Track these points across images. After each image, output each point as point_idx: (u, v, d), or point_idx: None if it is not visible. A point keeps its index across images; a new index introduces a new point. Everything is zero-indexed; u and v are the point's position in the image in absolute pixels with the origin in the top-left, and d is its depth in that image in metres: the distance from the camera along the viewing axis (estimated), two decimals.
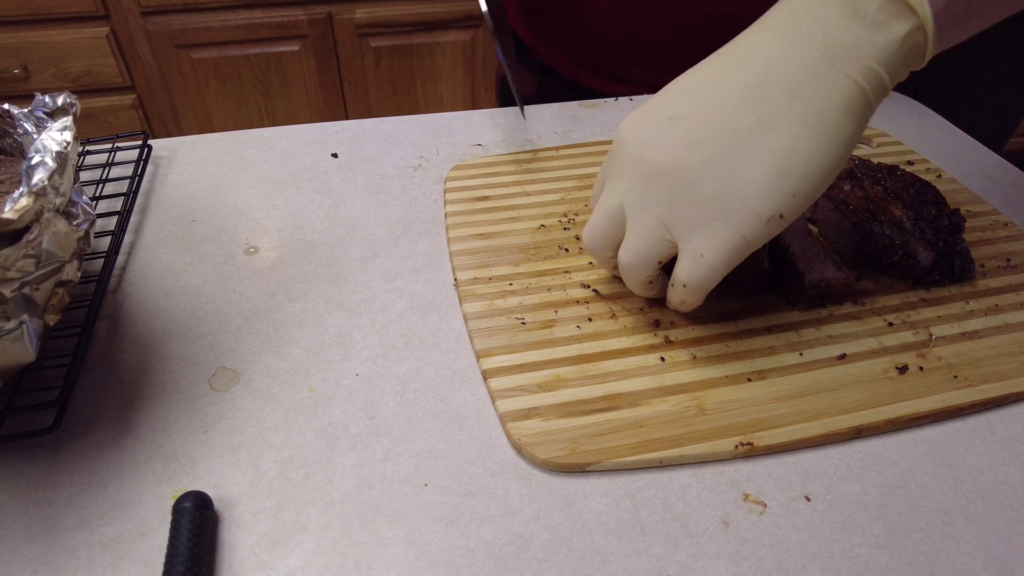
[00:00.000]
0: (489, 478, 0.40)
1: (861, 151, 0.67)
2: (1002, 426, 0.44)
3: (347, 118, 0.73)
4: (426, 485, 0.40)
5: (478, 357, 0.46)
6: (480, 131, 0.70)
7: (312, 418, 0.43)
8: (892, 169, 0.57)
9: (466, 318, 0.49)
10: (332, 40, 1.73)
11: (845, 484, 0.40)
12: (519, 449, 0.41)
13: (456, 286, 0.52)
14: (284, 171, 0.64)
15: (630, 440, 0.41)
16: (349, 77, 1.81)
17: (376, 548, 0.37)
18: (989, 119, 0.82)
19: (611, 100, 0.75)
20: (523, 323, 0.49)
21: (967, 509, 0.39)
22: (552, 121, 0.72)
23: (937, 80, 0.80)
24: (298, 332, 0.49)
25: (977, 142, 0.71)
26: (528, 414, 0.42)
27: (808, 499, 0.40)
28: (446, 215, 0.58)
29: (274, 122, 1.84)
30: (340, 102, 1.86)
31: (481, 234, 0.56)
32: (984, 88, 0.56)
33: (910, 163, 0.65)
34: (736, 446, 0.41)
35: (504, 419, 0.42)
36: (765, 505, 0.39)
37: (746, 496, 0.40)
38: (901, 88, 0.77)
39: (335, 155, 0.67)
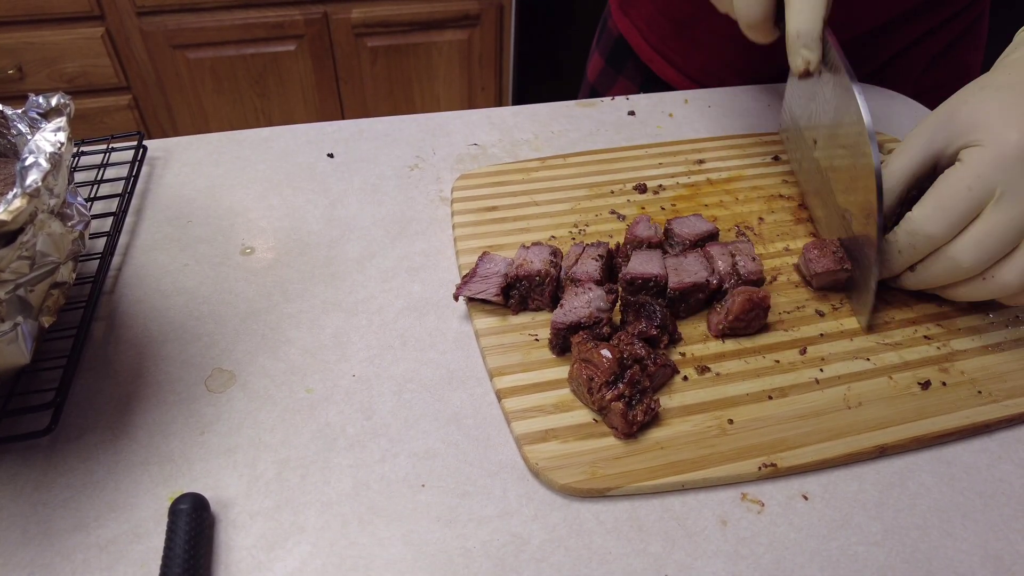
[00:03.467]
0: (487, 478, 0.40)
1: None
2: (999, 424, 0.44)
3: (343, 118, 0.73)
4: (424, 485, 0.40)
5: (491, 376, 0.45)
6: (477, 131, 0.70)
7: (309, 419, 0.43)
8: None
9: (478, 334, 0.48)
10: (328, 40, 1.73)
11: (843, 483, 0.40)
12: (537, 474, 0.40)
13: (466, 300, 0.51)
14: (280, 171, 0.64)
15: (652, 463, 0.40)
16: (345, 77, 1.81)
17: (374, 549, 0.37)
18: None
19: (607, 100, 0.75)
20: (536, 339, 0.47)
21: (964, 507, 0.39)
22: (549, 120, 0.72)
23: (940, 83, 0.81)
24: (295, 333, 0.49)
25: None
26: (545, 436, 0.41)
27: (806, 498, 0.40)
28: (454, 226, 0.57)
29: (270, 122, 1.84)
30: (336, 102, 1.85)
31: (491, 246, 0.55)
32: None
33: None
34: (760, 467, 0.40)
35: (520, 441, 0.41)
36: (763, 504, 0.39)
37: (744, 495, 0.40)
38: (905, 92, 0.78)
39: (331, 155, 0.66)
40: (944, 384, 0.45)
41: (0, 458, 0.40)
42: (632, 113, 0.73)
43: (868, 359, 0.47)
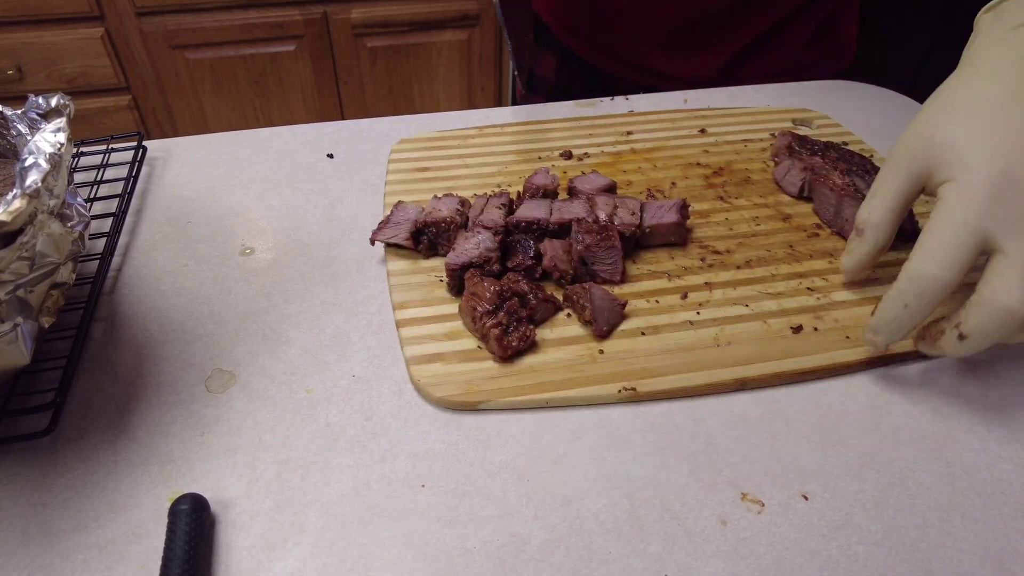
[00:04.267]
0: (487, 478, 0.40)
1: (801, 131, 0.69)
2: (998, 423, 0.44)
3: (343, 118, 0.73)
4: (423, 486, 0.40)
5: (394, 309, 0.49)
6: None
7: (309, 419, 0.43)
8: (828, 144, 0.61)
9: (389, 275, 0.51)
10: (328, 40, 1.73)
11: (843, 482, 0.40)
12: (418, 389, 0.44)
13: (384, 246, 0.54)
14: (280, 172, 0.64)
15: (521, 383, 0.44)
16: (345, 77, 1.81)
17: (374, 549, 0.37)
18: None
19: (607, 100, 0.75)
20: (441, 280, 0.51)
21: (964, 506, 0.39)
22: (547, 119, 0.71)
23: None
24: (295, 333, 0.49)
25: None
26: (432, 359, 0.45)
27: (806, 497, 0.40)
28: (386, 183, 0.61)
29: (270, 122, 1.84)
30: (336, 102, 1.85)
31: (416, 201, 0.57)
32: None
33: (845, 143, 0.66)
34: (620, 391, 0.43)
35: (409, 362, 0.45)
36: (763, 504, 0.39)
37: (744, 495, 0.40)
38: (900, 88, 0.78)
39: (331, 155, 0.66)
40: (816, 330, 0.48)
41: (0, 458, 0.40)
42: (632, 112, 0.72)
43: (747, 305, 0.49)
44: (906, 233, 0.53)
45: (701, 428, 0.43)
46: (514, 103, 0.97)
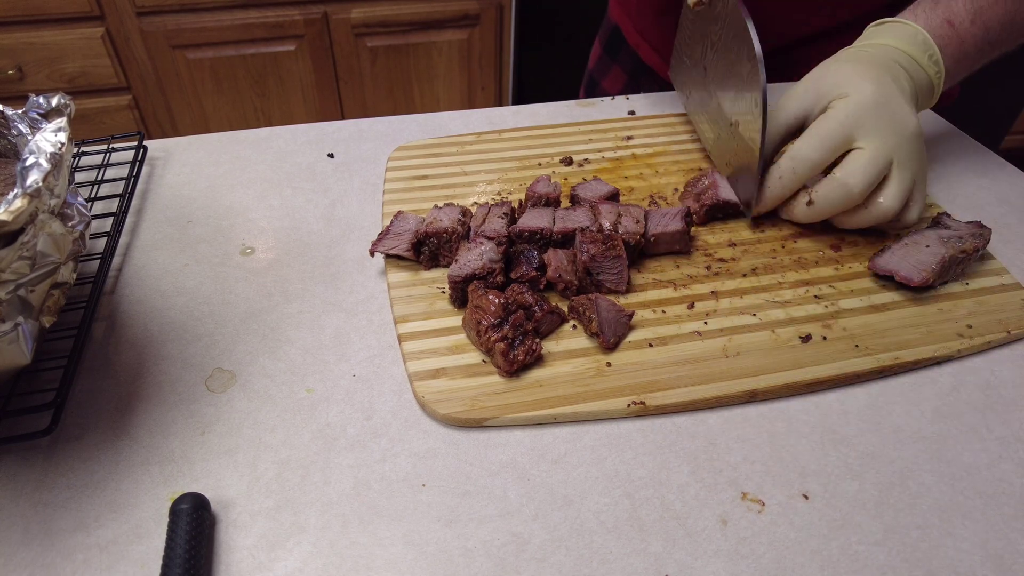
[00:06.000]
0: (487, 478, 0.40)
1: None
2: (998, 423, 0.44)
3: (343, 118, 0.73)
4: (424, 485, 0.40)
5: (396, 323, 0.48)
6: (477, 130, 0.70)
7: (309, 419, 0.43)
8: None
9: (389, 287, 0.51)
10: (328, 40, 1.73)
11: (843, 482, 0.40)
12: (422, 406, 0.43)
13: (384, 257, 0.53)
14: (280, 171, 0.64)
15: (528, 398, 0.43)
16: (345, 77, 1.81)
17: (374, 548, 0.37)
18: (985, 117, 0.83)
19: (607, 99, 0.75)
20: (443, 292, 0.50)
21: (965, 506, 0.39)
22: (549, 120, 0.72)
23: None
24: (295, 333, 0.49)
25: (973, 140, 0.71)
26: (436, 374, 0.44)
27: (806, 497, 0.40)
28: (384, 192, 0.60)
29: (270, 122, 1.84)
30: (336, 102, 1.85)
31: (415, 211, 0.57)
32: (980, 86, 0.57)
33: None
34: (628, 405, 0.43)
35: (412, 378, 0.44)
36: (763, 503, 0.39)
37: (744, 495, 0.40)
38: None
39: (331, 155, 0.66)
40: (825, 339, 0.47)
41: (0, 458, 0.40)
42: (632, 113, 0.73)
43: (754, 315, 0.49)
44: None
45: (701, 427, 0.43)
46: (514, 102, 0.96)
